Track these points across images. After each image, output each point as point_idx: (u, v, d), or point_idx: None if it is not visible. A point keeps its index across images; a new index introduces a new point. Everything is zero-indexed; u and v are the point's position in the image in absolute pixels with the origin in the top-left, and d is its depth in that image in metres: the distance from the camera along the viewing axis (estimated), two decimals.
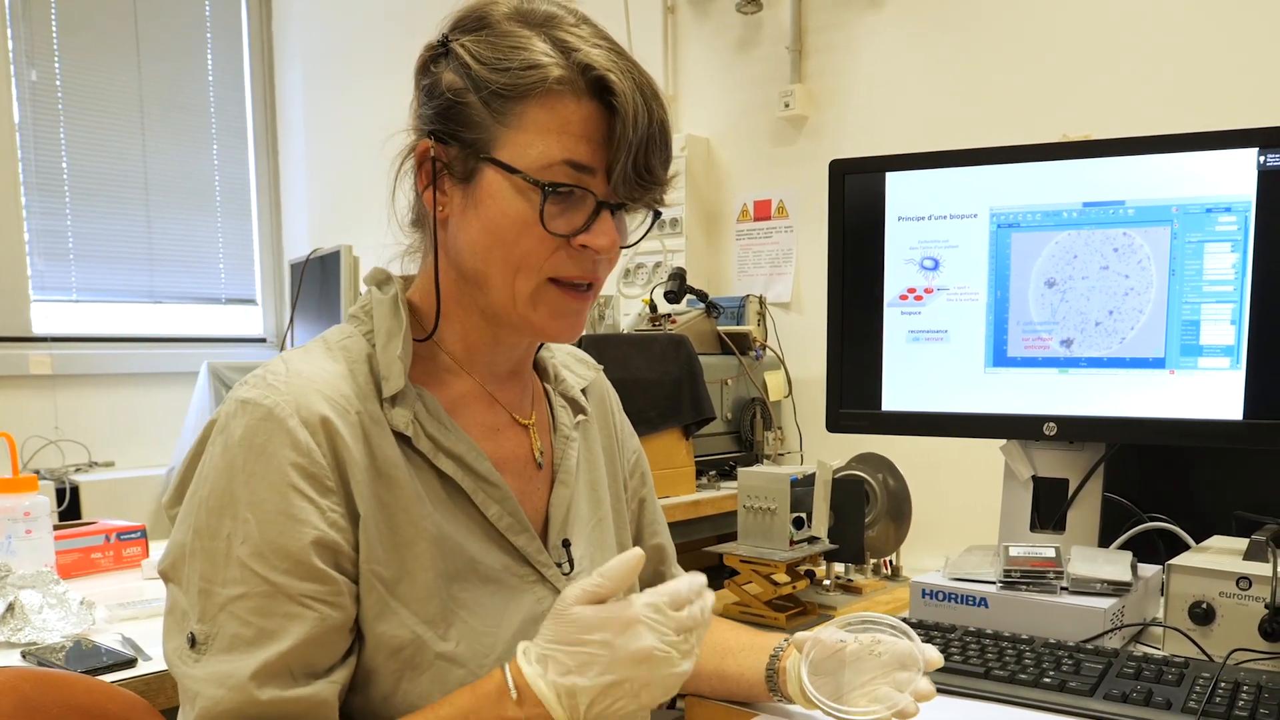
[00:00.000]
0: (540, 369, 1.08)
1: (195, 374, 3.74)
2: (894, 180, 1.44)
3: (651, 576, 1.19)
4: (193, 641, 0.82)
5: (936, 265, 1.42)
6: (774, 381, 2.61)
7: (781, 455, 2.52)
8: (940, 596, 1.34)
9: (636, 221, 0.95)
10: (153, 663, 1.27)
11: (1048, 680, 1.10)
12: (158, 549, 1.90)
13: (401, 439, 0.89)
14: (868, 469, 2.27)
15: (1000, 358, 1.39)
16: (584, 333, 1.42)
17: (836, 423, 1.48)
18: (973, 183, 1.39)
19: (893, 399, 1.45)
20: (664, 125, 0.88)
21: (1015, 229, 1.37)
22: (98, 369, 3.89)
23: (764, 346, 2.61)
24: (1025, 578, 1.28)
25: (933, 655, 0.93)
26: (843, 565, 2.29)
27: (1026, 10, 2.38)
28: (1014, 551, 1.30)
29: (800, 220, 2.74)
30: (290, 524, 0.81)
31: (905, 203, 1.44)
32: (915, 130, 2.54)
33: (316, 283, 3.42)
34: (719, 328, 2.60)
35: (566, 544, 1.00)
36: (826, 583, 2.24)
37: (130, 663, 1.26)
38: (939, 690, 1.08)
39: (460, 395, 0.96)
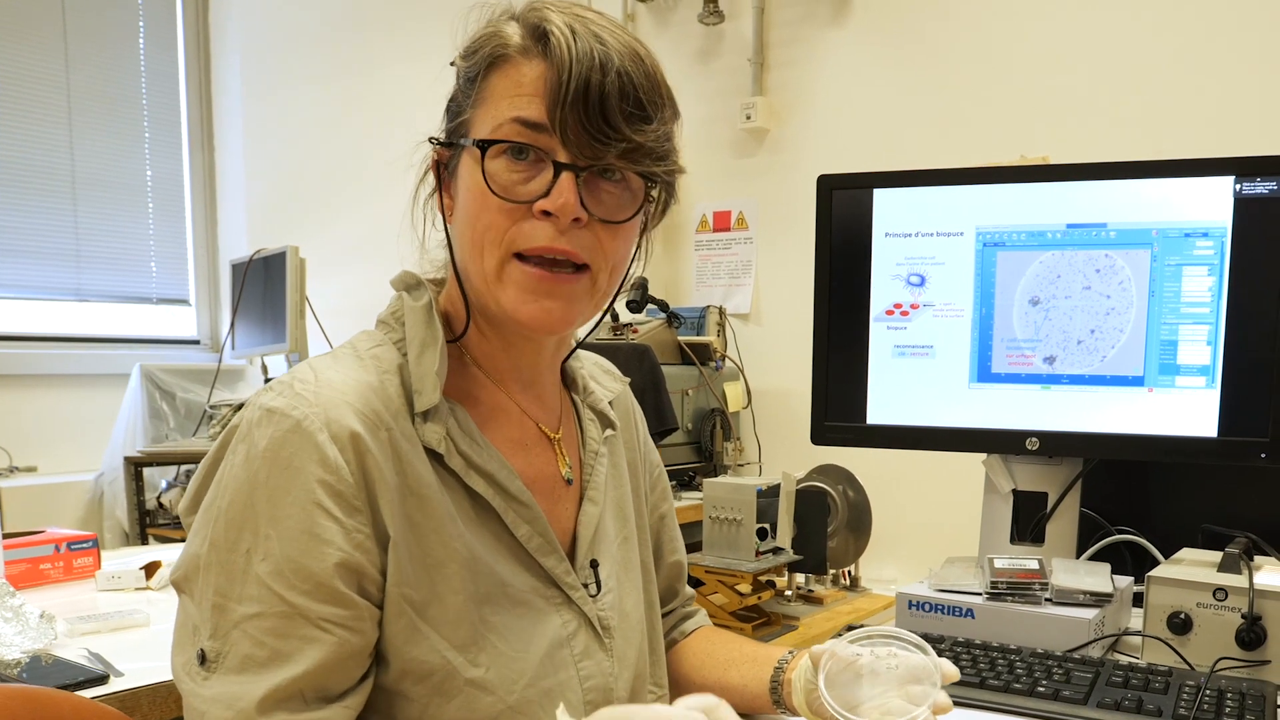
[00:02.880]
0: (568, 380, 1.05)
1: (124, 376, 3.62)
2: (881, 197, 1.47)
3: (666, 593, 1.19)
4: (203, 658, 0.79)
5: (923, 281, 1.45)
6: (733, 392, 2.63)
7: (741, 466, 2.55)
8: (927, 608, 1.36)
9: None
10: (125, 679, 1.22)
11: (1042, 689, 1.13)
12: (109, 559, 1.83)
13: (433, 455, 0.86)
14: (828, 480, 2.31)
15: (984, 373, 1.42)
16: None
17: (822, 435, 1.50)
18: (960, 201, 1.43)
19: (878, 412, 1.48)
20: (628, 76, 0.83)
21: (1001, 248, 1.41)
22: (20, 369, 3.73)
23: (724, 357, 2.63)
24: (1011, 589, 1.31)
25: (949, 669, 0.92)
26: (803, 576, 2.32)
27: (987, 33, 2.44)
28: (999, 563, 1.33)
29: (760, 232, 2.78)
30: (314, 544, 0.78)
31: (892, 219, 1.46)
32: (875, 145, 2.59)
33: (260, 284, 3.35)
34: (680, 338, 2.62)
35: (594, 565, 0.98)
36: (788, 593, 2.27)
37: (102, 679, 1.21)
38: None
39: (489, 408, 0.94)
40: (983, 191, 1.42)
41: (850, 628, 1.35)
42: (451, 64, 0.92)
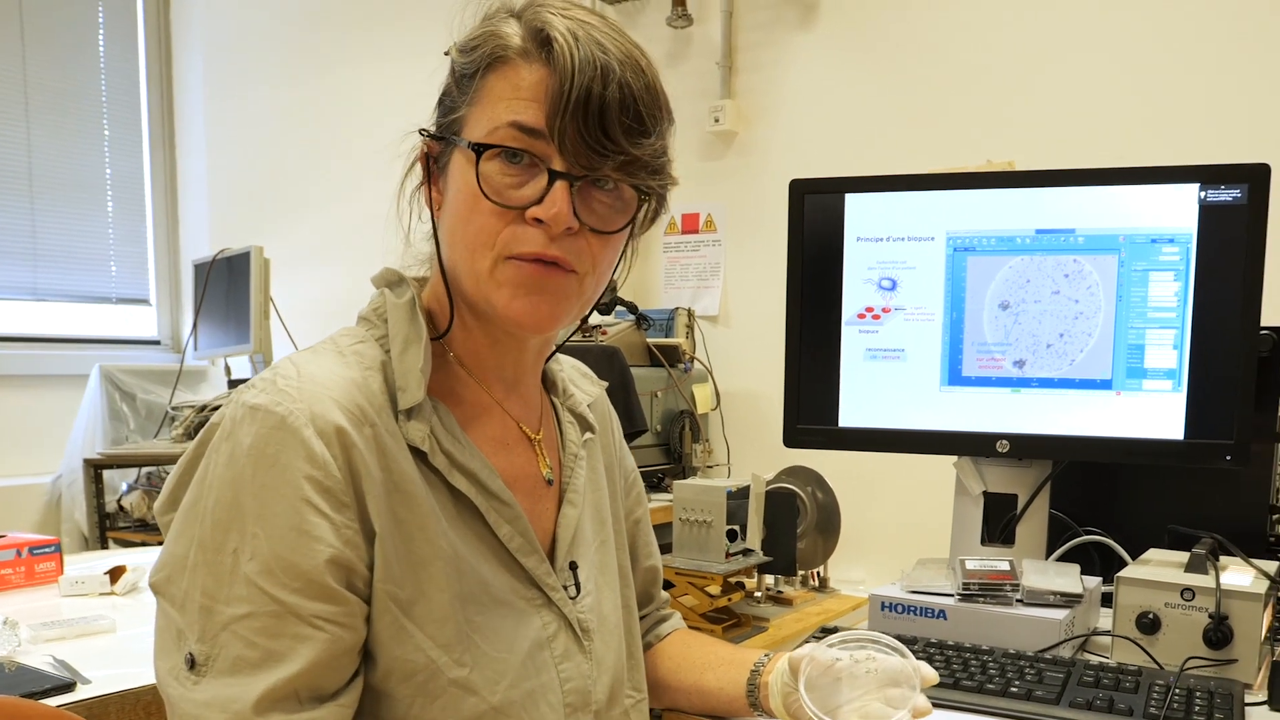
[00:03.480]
0: (548, 382, 1.05)
1: (83, 377, 3.56)
2: (853, 201, 1.48)
3: (642, 597, 1.19)
4: (192, 662, 0.77)
5: (894, 286, 1.46)
6: (702, 394, 2.64)
7: (710, 468, 2.55)
8: (899, 609, 1.37)
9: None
10: (92, 686, 1.20)
11: (1015, 690, 1.14)
12: (71, 564, 1.80)
13: (416, 453, 0.86)
14: (797, 482, 2.32)
15: (955, 377, 1.44)
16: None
17: (794, 438, 1.51)
18: (931, 206, 1.44)
19: (850, 415, 1.49)
20: (629, 89, 0.83)
21: (971, 253, 1.42)
22: None
23: (692, 359, 2.64)
24: (983, 590, 1.33)
25: (928, 672, 0.93)
26: (772, 577, 2.33)
27: (954, 38, 2.47)
28: (970, 565, 1.35)
29: (728, 234, 2.79)
30: (304, 540, 0.77)
31: (864, 224, 1.47)
32: (843, 149, 2.61)
33: (223, 284, 3.31)
34: (648, 340, 2.62)
35: (574, 566, 0.98)
36: (758, 595, 2.28)
37: (69, 686, 1.18)
38: None
39: (472, 406, 0.93)
40: (953, 197, 1.43)
41: (824, 629, 1.36)
42: (446, 54, 0.90)
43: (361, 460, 0.81)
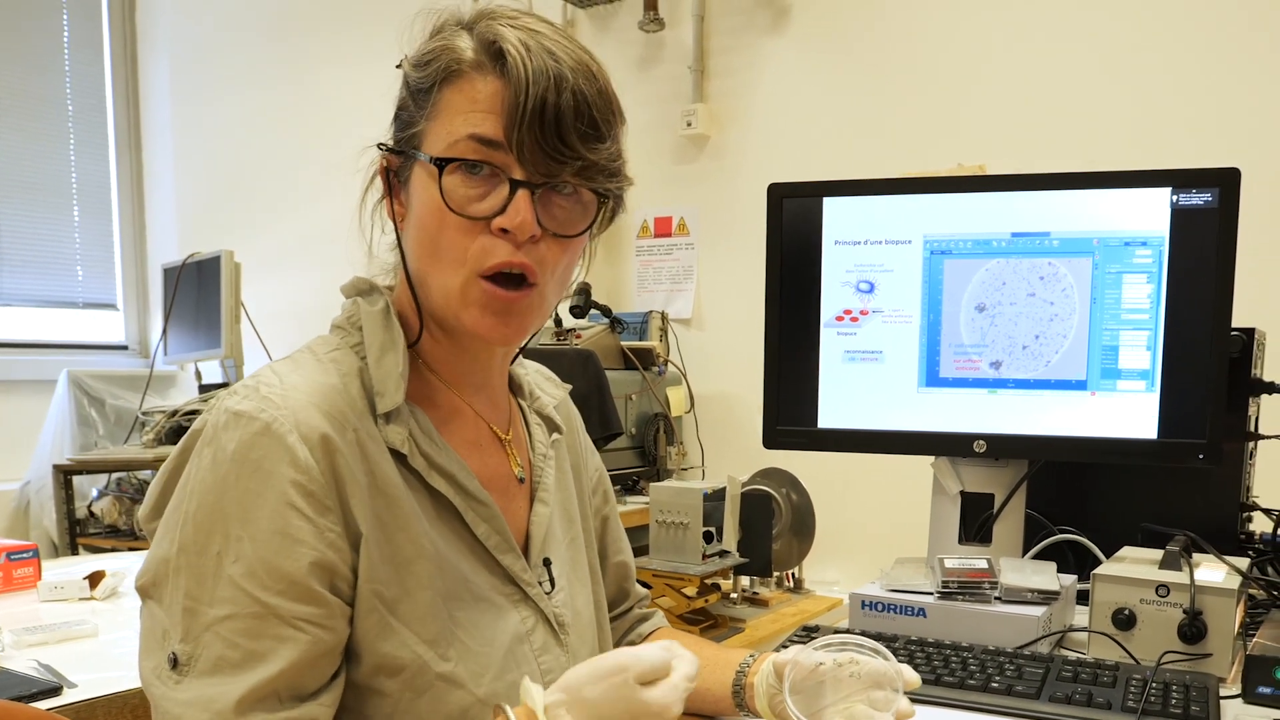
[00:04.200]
0: (514, 385, 1.08)
1: (50, 382, 3.52)
2: (831, 205, 1.49)
3: (618, 595, 1.20)
4: (174, 662, 0.79)
5: (872, 288, 1.47)
6: (675, 397, 2.65)
7: (684, 470, 2.56)
8: (879, 607, 1.39)
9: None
10: (78, 690, 1.20)
11: (995, 685, 1.16)
12: (49, 569, 1.78)
13: (396, 456, 0.88)
14: (772, 484, 2.33)
15: (933, 378, 1.45)
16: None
17: (774, 440, 1.52)
18: (907, 210, 1.46)
19: (828, 417, 1.50)
20: (582, 95, 0.85)
21: (947, 255, 1.44)
22: None
23: (666, 362, 2.65)
24: (962, 588, 1.35)
25: (910, 675, 0.94)
26: (748, 579, 2.34)
27: (925, 43, 2.50)
28: (949, 563, 1.36)
29: (701, 238, 2.80)
30: (288, 544, 0.79)
31: (842, 227, 1.49)
32: (815, 153, 2.63)
33: (193, 288, 3.28)
34: (622, 343, 2.63)
35: (547, 563, 1.00)
36: (733, 596, 2.29)
37: (56, 690, 1.19)
38: None
39: (445, 410, 0.95)
40: (930, 201, 1.45)
41: (806, 628, 1.37)
42: (398, 66, 0.92)
43: (345, 465, 0.83)
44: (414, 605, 0.86)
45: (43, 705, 1.15)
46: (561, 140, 0.84)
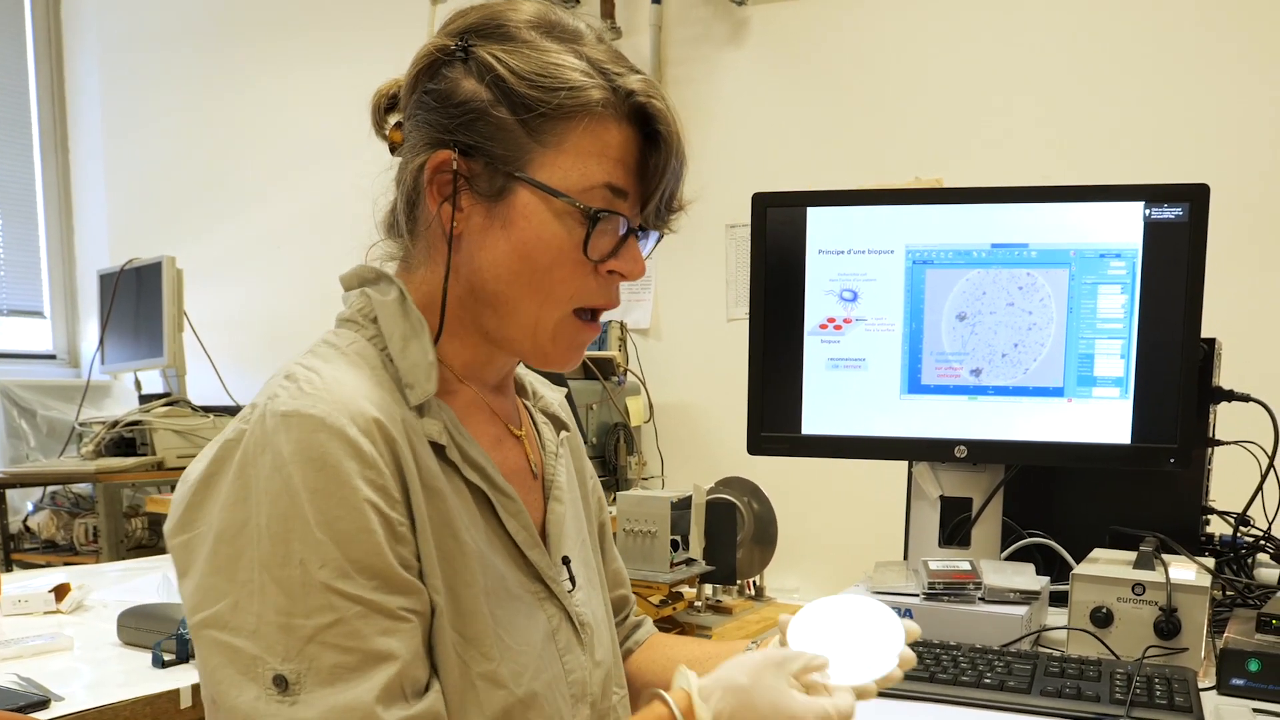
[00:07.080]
0: (518, 386, 1.07)
1: None
2: (814, 215, 1.52)
3: (619, 601, 1.20)
4: (284, 685, 0.74)
5: (855, 297, 1.51)
6: (635, 406, 2.66)
7: (644, 480, 2.57)
8: None
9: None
10: (66, 703, 1.16)
11: (988, 681, 1.19)
12: (8, 583, 1.71)
13: (434, 449, 0.86)
14: (734, 493, 2.36)
15: (914, 385, 1.49)
16: None
17: (758, 446, 1.54)
18: (890, 220, 1.49)
19: (812, 423, 1.53)
20: (684, 151, 0.90)
21: (929, 265, 1.48)
22: None
23: (626, 372, 2.66)
24: (947, 589, 1.38)
25: (912, 625, 0.95)
26: (711, 586, 2.36)
27: (882, 55, 2.56)
28: (934, 566, 1.40)
29: (659, 248, 2.80)
30: (369, 538, 0.76)
31: (825, 237, 1.52)
32: (773, 163, 2.67)
33: (131, 296, 3.18)
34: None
35: (566, 561, 0.99)
36: (698, 604, 2.31)
37: (44, 703, 1.15)
38: (889, 697, 1.15)
39: (465, 404, 0.94)
40: (912, 211, 1.49)
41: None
42: (462, 45, 0.87)
43: (402, 454, 0.81)
44: (458, 602, 0.84)
45: (38, 717, 1.11)
46: (674, 196, 0.90)
